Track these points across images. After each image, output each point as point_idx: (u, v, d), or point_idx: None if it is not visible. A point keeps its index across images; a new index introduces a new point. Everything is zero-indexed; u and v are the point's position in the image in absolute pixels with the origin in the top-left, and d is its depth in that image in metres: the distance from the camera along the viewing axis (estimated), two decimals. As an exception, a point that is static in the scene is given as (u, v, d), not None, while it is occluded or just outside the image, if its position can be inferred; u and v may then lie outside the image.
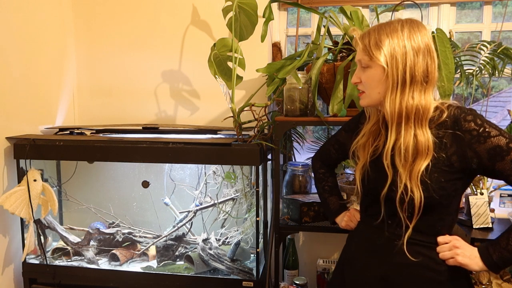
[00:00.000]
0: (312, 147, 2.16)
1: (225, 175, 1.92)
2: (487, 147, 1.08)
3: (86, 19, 2.26)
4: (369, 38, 1.15)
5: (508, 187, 2.00)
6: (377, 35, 1.13)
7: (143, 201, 2.08)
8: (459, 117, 1.11)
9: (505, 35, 2.06)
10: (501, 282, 1.74)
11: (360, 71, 1.19)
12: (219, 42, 1.78)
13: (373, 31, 1.15)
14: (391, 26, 1.14)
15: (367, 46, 1.14)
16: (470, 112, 1.12)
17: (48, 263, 1.93)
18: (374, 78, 1.15)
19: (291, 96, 1.70)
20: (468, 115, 1.11)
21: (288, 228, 1.78)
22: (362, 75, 1.19)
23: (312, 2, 2.10)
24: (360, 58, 1.18)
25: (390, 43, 1.11)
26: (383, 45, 1.11)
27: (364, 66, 1.17)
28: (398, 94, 1.11)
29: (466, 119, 1.10)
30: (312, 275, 2.13)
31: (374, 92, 1.16)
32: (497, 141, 1.08)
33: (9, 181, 1.89)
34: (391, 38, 1.12)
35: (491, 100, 2.00)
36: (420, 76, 1.11)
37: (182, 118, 2.22)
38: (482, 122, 1.09)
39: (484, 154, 1.09)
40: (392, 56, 1.11)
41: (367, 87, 1.18)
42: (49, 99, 2.13)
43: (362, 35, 1.17)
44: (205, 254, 1.84)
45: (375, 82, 1.15)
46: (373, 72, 1.15)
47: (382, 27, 1.15)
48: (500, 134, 1.08)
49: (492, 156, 1.09)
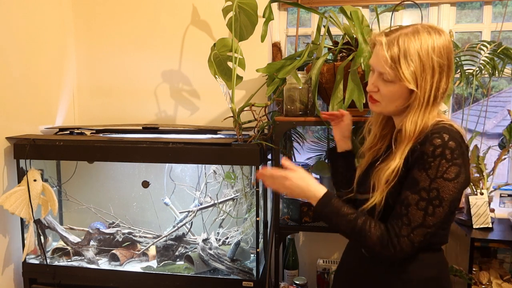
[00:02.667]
0: (312, 147, 2.16)
1: (225, 175, 1.92)
2: (414, 174, 1.03)
3: (86, 19, 2.25)
4: (398, 48, 1.04)
5: (508, 187, 2.00)
6: (406, 47, 1.03)
7: (143, 201, 2.08)
8: (430, 136, 1.02)
9: (505, 35, 2.06)
10: (501, 282, 1.74)
11: (379, 81, 1.09)
12: (219, 42, 1.78)
13: (402, 43, 1.04)
14: (422, 39, 1.04)
15: (396, 63, 1.04)
16: (444, 139, 1.00)
17: (48, 263, 1.93)
18: (396, 94, 1.07)
19: (291, 96, 1.70)
20: (437, 139, 1.00)
21: (288, 228, 1.78)
22: (382, 87, 1.09)
23: (312, 2, 2.10)
24: (382, 71, 1.07)
25: (421, 62, 1.03)
26: (414, 64, 1.02)
27: (386, 80, 1.07)
28: (420, 115, 1.06)
29: (432, 142, 1.01)
30: (312, 275, 2.13)
31: (392, 106, 1.10)
32: (423, 179, 1.01)
33: (9, 181, 1.89)
34: (421, 53, 1.03)
35: (491, 100, 2.00)
36: (441, 95, 1.07)
37: (182, 118, 2.22)
38: (439, 155, 0.99)
39: (409, 177, 1.04)
40: (421, 77, 1.03)
41: (385, 100, 1.10)
42: (49, 99, 2.13)
43: (389, 45, 1.05)
44: (205, 254, 1.84)
45: (396, 97, 1.08)
46: (396, 88, 1.06)
47: (412, 38, 1.04)
48: (432, 179, 1.00)
49: (408, 182, 1.04)
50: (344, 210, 1.09)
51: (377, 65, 1.09)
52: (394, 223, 1.04)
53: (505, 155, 1.84)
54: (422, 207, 1.01)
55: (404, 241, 1.02)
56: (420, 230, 1.02)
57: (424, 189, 1.01)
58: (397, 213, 1.05)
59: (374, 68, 1.11)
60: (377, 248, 1.04)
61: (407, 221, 1.02)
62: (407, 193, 1.03)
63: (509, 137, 1.80)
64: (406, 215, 1.02)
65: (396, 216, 1.04)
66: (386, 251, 1.03)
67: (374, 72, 1.12)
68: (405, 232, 1.02)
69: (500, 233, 1.72)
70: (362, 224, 1.06)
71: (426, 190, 1.01)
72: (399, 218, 1.03)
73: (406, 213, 1.02)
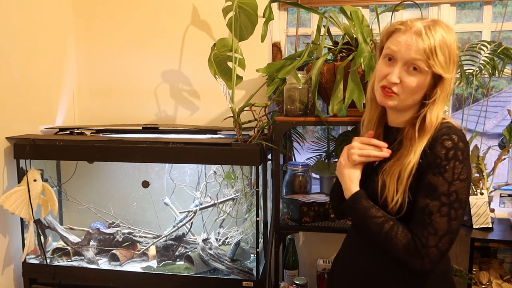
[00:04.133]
0: (312, 147, 2.16)
1: (225, 175, 1.92)
2: (430, 180, 1.03)
3: (86, 19, 2.25)
4: (434, 41, 1.02)
5: (508, 187, 2.00)
6: (440, 36, 1.02)
7: (143, 201, 2.08)
8: (439, 137, 1.03)
9: (505, 35, 2.06)
10: (501, 282, 1.74)
11: (403, 73, 1.05)
12: (219, 42, 1.78)
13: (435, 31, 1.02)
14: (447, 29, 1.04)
15: (432, 52, 1.02)
16: (454, 140, 1.02)
17: (48, 263, 1.93)
18: (421, 85, 1.05)
19: (291, 96, 1.70)
20: (448, 141, 1.02)
21: (288, 228, 1.78)
22: (406, 78, 1.05)
23: (312, 2, 2.10)
24: (414, 60, 1.03)
25: (449, 52, 1.03)
26: (446, 52, 1.03)
27: (414, 70, 1.04)
28: (441, 106, 1.06)
29: (443, 144, 1.02)
30: (312, 275, 2.13)
31: (411, 99, 1.08)
32: (440, 184, 1.01)
33: (9, 181, 1.89)
34: (451, 45, 1.03)
35: (491, 100, 2.00)
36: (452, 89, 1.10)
37: (182, 118, 2.22)
38: (452, 157, 1.01)
39: (424, 182, 1.04)
40: (449, 68, 1.04)
41: (406, 92, 1.06)
42: (49, 99, 2.13)
43: (425, 35, 1.02)
44: (205, 254, 1.84)
45: (419, 89, 1.06)
46: (422, 79, 1.05)
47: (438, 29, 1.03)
48: (450, 182, 1.01)
49: (424, 189, 1.04)
50: (372, 212, 1.09)
51: (407, 53, 1.04)
52: (419, 233, 1.03)
53: (505, 155, 1.84)
54: (445, 213, 1.01)
55: (432, 251, 1.02)
56: (446, 237, 1.02)
57: (444, 194, 1.01)
58: (420, 222, 1.03)
59: (397, 58, 1.06)
60: (403, 257, 1.04)
61: (433, 231, 1.02)
62: (426, 200, 1.03)
63: (509, 137, 1.80)
64: (430, 224, 1.02)
65: (420, 226, 1.03)
66: (413, 261, 1.03)
67: (394, 63, 1.07)
68: (433, 243, 1.01)
69: (500, 233, 1.72)
70: (389, 229, 1.05)
71: (445, 194, 1.01)
72: (424, 228, 1.02)
73: (430, 222, 1.02)
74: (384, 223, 1.06)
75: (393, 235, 1.05)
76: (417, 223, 1.04)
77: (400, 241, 1.04)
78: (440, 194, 1.01)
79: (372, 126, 1.21)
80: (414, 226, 1.05)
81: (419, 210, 1.04)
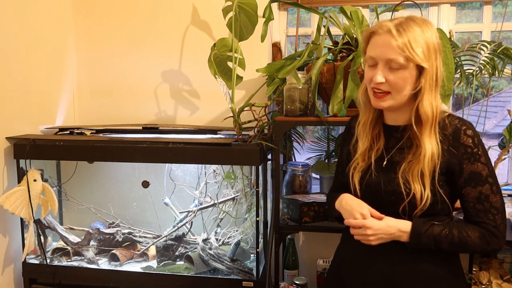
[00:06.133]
0: (312, 147, 2.16)
1: (225, 175, 1.92)
2: (471, 169, 1.11)
3: (86, 19, 2.25)
4: (407, 36, 1.06)
5: (508, 187, 1.99)
6: (412, 30, 1.07)
7: (143, 201, 2.08)
8: (459, 128, 1.12)
9: (505, 35, 2.06)
10: (501, 282, 1.74)
11: (387, 71, 1.09)
12: (219, 42, 1.78)
13: (407, 26, 1.07)
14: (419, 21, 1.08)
15: (407, 46, 1.05)
16: (471, 127, 1.13)
17: (48, 263, 1.93)
18: (408, 79, 1.09)
19: (291, 96, 1.70)
20: (469, 129, 1.12)
21: (288, 228, 1.78)
22: (390, 76, 1.09)
23: (312, 2, 2.10)
24: (391, 58, 1.07)
25: (426, 41, 1.07)
26: (423, 43, 1.07)
27: (396, 67, 1.08)
28: (432, 95, 1.10)
29: (466, 133, 1.12)
30: (312, 275, 2.13)
31: (402, 95, 1.11)
32: (482, 169, 1.11)
33: (9, 181, 1.89)
34: (425, 37, 1.07)
35: (491, 100, 2.00)
36: (440, 77, 1.11)
37: (182, 118, 2.22)
38: (478, 143, 1.11)
39: (465, 174, 1.12)
40: (429, 56, 1.08)
41: (395, 89, 1.10)
42: (49, 99, 2.13)
43: (397, 33, 1.07)
44: (205, 254, 1.84)
45: (407, 84, 1.09)
46: (407, 73, 1.08)
47: (411, 24, 1.08)
48: (487, 164, 1.12)
49: (469, 179, 1.12)
50: (436, 230, 1.12)
51: (384, 54, 1.08)
52: (485, 219, 1.11)
53: (505, 155, 1.84)
54: (495, 191, 1.12)
55: (502, 228, 1.12)
56: (504, 210, 1.13)
57: (488, 176, 1.12)
58: (480, 210, 1.12)
59: (378, 59, 1.10)
60: (483, 248, 1.12)
61: (495, 210, 1.11)
62: (478, 188, 1.11)
63: (509, 137, 1.80)
64: (491, 206, 1.11)
65: (482, 212, 1.12)
66: (493, 245, 1.11)
67: (377, 64, 1.11)
68: (500, 220, 1.11)
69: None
70: (458, 234, 1.12)
71: (490, 175, 1.12)
72: (487, 212, 1.11)
73: (490, 204, 1.11)
74: (451, 231, 1.12)
75: (465, 236, 1.11)
76: (477, 212, 1.12)
77: (474, 237, 1.11)
78: (486, 177, 1.11)
79: (367, 127, 1.23)
80: (476, 216, 1.13)
81: (475, 200, 1.12)
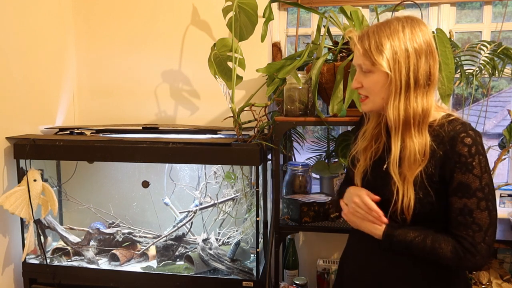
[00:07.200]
0: (312, 147, 2.16)
1: (225, 175, 1.92)
2: (461, 179, 1.05)
3: (86, 19, 2.25)
4: (369, 41, 1.09)
5: (508, 187, 2.00)
6: (377, 38, 1.08)
7: (143, 201, 2.08)
8: (457, 136, 1.06)
9: (505, 35, 2.06)
10: (501, 282, 1.74)
11: (361, 76, 1.14)
12: (219, 42, 1.78)
13: (372, 34, 1.10)
14: (391, 27, 1.09)
15: (368, 51, 1.09)
16: (471, 135, 1.05)
17: (48, 263, 1.93)
18: (377, 83, 1.11)
19: (291, 96, 1.70)
20: (468, 138, 1.05)
21: (288, 228, 1.78)
22: (364, 80, 1.14)
23: (312, 2, 2.10)
24: (360, 63, 1.13)
25: (391, 46, 1.07)
26: (385, 49, 1.07)
27: (365, 71, 1.12)
28: (402, 99, 1.08)
29: (463, 141, 1.05)
30: (312, 275, 2.13)
31: (378, 98, 1.13)
32: (472, 181, 1.04)
33: (9, 181, 1.89)
34: (392, 40, 1.07)
35: (491, 100, 2.00)
36: (424, 79, 1.07)
37: (182, 118, 2.22)
38: (475, 153, 1.04)
39: (454, 183, 1.06)
40: (394, 61, 1.06)
41: (370, 92, 1.14)
42: (49, 99, 2.13)
43: (361, 38, 1.12)
44: (205, 254, 1.84)
45: (379, 87, 1.11)
46: (375, 77, 1.10)
47: (382, 28, 1.09)
48: (480, 177, 1.04)
49: (457, 189, 1.06)
50: (410, 236, 1.10)
51: (355, 60, 1.15)
52: (464, 233, 1.05)
53: (505, 155, 1.84)
54: (484, 207, 1.04)
55: (482, 247, 1.04)
56: (490, 230, 1.05)
57: (478, 189, 1.04)
58: (461, 223, 1.06)
59: (356, 65, 1.17)
60: (454, 262, 1.07)
61: (477, 227, 1.04)
62: (463, 200, 1.05)
63: (509, 137, 1.80)
64: (473, 222, 1.04)
65: (462, 226, 1.06)
66: (465, 262, 1.05)
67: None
68: (480, 239, 1.04)
69: (500, 233, 1.72)
70: (431, 244, 1.07)
71: (479, 189, 1.04)
72: (467, 227, 1.05)
73: (473, 220, 1.04)
74: (425, 239, 1.08)
75: (437, 247, 1.07)
76: (458, 225, 1.06)
77: (446, 250, 1.06)
78: (475, 190, 1.04)
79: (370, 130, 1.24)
80: (456, 228, 1.07)
81: (458, 212, 1.06)
